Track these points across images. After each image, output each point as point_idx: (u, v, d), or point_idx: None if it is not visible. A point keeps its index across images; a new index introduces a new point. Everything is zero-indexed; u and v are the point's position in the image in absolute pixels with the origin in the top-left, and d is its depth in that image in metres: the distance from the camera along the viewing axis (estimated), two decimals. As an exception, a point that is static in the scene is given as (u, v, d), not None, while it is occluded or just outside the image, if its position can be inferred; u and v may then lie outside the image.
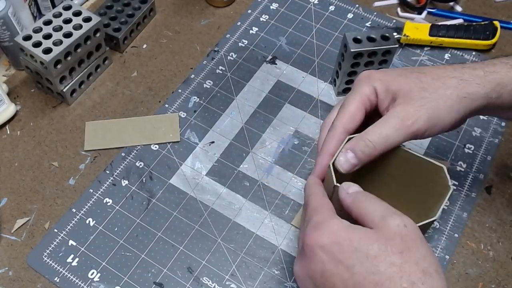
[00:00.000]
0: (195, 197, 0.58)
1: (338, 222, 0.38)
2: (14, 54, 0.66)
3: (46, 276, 0.53)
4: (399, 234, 0.36)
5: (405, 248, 0.36)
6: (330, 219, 0.38)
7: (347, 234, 0.37)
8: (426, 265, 0.35)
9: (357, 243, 0.36)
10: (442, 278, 0.36)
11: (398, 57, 0.70)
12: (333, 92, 0.67)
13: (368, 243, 0.36)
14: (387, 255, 0.35)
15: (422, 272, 0.35)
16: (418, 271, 0.35)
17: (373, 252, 0.36)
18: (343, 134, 0.44)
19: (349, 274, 0.36)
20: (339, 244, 0.37)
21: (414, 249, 0.36)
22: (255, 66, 0.69)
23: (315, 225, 0.38)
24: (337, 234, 0.37)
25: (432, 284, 0.35)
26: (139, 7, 0.71)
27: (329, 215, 0.39)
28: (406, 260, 0.35)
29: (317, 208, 0.41)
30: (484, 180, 0.60)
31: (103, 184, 0.59)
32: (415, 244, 0.36)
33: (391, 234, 0.36)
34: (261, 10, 0.75)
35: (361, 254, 0.36)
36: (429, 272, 0.35)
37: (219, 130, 0.63)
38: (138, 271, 0.53)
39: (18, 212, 0.57)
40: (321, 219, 0.39)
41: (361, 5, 0.76)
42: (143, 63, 0.70)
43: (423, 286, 0.34)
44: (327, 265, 0.37)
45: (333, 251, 0.36)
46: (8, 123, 0.64)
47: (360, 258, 0.36)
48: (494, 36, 0.70)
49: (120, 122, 0.63)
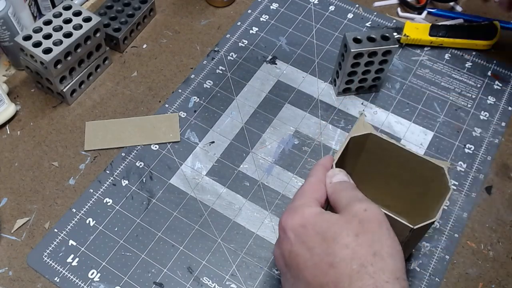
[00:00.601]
0: (195, 197, 0.58)
1: (311, 209, 0.40)
2: (14, 54, 0.66)
3: (46, 276, 0.53)
4: (357, 218, 0.38)
5: (360, 231, 0.37)
6: (307, 206, 0.41)
7: (314, 218, 0.39)
8: (379, 248, 0.37)
9: (319, 227, 0.38)
10: (396, 260, 0.37)
11: (398, 57, 0.70)
12: (333, 92, 0.67)
13: (328, 226, 0.38)
14: (342, 238, 0.37)
15: (373, 255, 0.36)
16: (370, 254, 0.36)
17: (330, 235, 0.38)
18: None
19: (310, 255, 0.38)
20: (305, 227, 0.39)
21: (370, 232, 0.37)
22: (255, 66, 0.69)
23: (292, 208, 0.41)
24: (306, 218, 0.39)
25: (382, 266, 0.36)
26: (139, 7, 0.71)
27: (309, 201, 0.41)
28: (359, 243, 0.37)
29: (304, 193, 0.42)
30: (484, 180, 0.60)
31: (103, 184, 0.59)
32: (372, 227, 0.38)
33: (350, 218, 0.38)
34: (261, 10, 0.75)
35: (321, 236, 0.38)
36: (380, 255, 0.36)
37: (219, 130, 0.63)
38: (138, 271, 0.53)
39: (18, 212, 0.57)
40: (300, 204, 0.41)
41: (361, 5, 0.76)
42: (143, 63, 0.70)
43: (372, 268, 0.36)
44: (294, 245, 0.39)
45: (300, 233, 0.39)
46: (8, 123, 0.64)
47: (320, 240, 0.38)
48: (494, 36, 0.70)
49: (120, 122, 0.63)
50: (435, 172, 0.47)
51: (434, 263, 0.54)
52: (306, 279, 0.38)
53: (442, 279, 0.53)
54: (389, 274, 0.36)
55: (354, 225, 0.38)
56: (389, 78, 0.68)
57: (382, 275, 0.35)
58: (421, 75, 0.68)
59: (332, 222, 0.38)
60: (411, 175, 0.49)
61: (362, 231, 0.37)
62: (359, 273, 0.35)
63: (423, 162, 0.47)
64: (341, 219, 0.39)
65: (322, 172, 0.44)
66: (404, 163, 0.48)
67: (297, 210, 0.40)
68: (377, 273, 0.35)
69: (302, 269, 0.38)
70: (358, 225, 0.38)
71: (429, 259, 0.54)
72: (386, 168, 0.50)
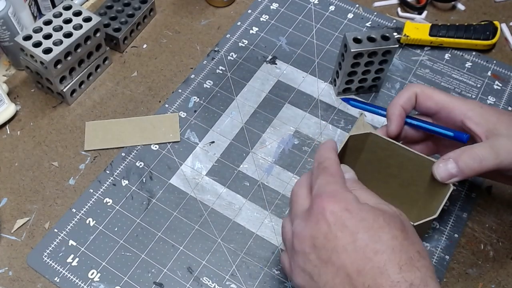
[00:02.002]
0: (195, 197, 0.58)
1: (352, 195, 0.40)
2: (14, 54, 0.66)
3: (46, 276, 0.53)
4: (399, 218, 0.39)
5: (404, 230, 0.38)
6: (346, 191, 0.40)
7: (358, 205, 0.39)
8: (420, 249, 0.38)
9: (366, 214, 0.38)
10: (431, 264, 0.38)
11: (398, 57, 0.70)
12: (333, 92, 0.67)
13: (375, 215, 0.38)
14: (391, 229, 0.37)
15: (418, 252, 0.37)
16: (414, 251, 0.37)
17: (377, 224, 0.37)
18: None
19: (352, 239, 0.37)
20: (349, 211, 0.38)
21: (411, 233, 0.38)
22: (255, 66, 0.69)
23: (331, 192, 0.40)
24: (350, 204, 0.39)
25: (425, 263, 0.37)
26: (139, 7, 0.71)
27: (345, 187, 0.41)
28: (405, 237, 0.37)
29: (334, 176, 0.42)
30: (484, 180, 0.60)
31: (103, 184, 0.59)
32: (411, 229, 0.39)
33: (393, 215, 0.39)
34: (261, 10, 0.75)
35: (367, 223, 0.37)
36: (423, 255, 0.37)
37: (219, 130, 0.63)
38: (138, 271, 0.53)
39: (18, 212, 0.57)
40: (337, 189, 0.40)
41: (361, 5, 0.76)
42: (143, 63, 0.70)
43: (418, 263, 0.36)
44: (333, 227, 0.38)
45: (342, 217, 0.38)
46: (8, 123, 0.64)
47: (366, 227, 0.37)
48: (494, 36, 0.70)
49: (120, 122, 0.63)
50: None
51: (434, 263, 0.54)
52: (342, 262, 0.37)
53: (442, 279, 0.53)
54: (430, 272, 0.37)
55: (399, 222, 0.38)
56: (389, 78, 0.68)
57: (426, 271, 0.36)
58: (421, 75, 0.68)
59: (378, 214, 0.38)
60: (411, 174, 0.49)
61: (405, 230, 0.38)
62: (407, 265, 0.36)
63: (423, 161, 0.47)
64: (384, 214, 0.39)
65: (335, 155, 0.44)
66: (404, 163, 0.48)
67: (338, 194, 0.40)
68: (423, 269, 0.36)
69: (339, 252, 0.37)
70: (401, 225, 0.38)
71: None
72: (386, 168, 0.50)
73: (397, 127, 0.49)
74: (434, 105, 0.49)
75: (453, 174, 0.45)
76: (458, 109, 0.48)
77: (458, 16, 0.76)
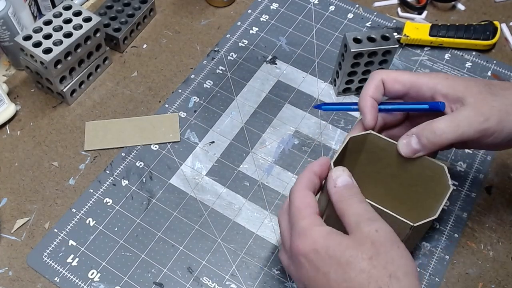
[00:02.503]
0: (195, 197, 0.58)
1: (320, 229, 0.40)
2: (14, 54, 0.66)
3: (46, 276, 0.53)
4: (370, 240, 0.38)
5: (374, 253, 0.37)
6: (313, 226, 0.40)
7: (325, 241, 0.39)
8: (394, 269, 0.37)
9: (332, 250, 0.38)
10: (411, 280, 0.37)
11: (398, 57, 0.70)
12: (333, 92, 0.67)
13: (341, 250, 0.38)
14: (357, 262, 0.37)
15: (389, 277, 0.36)
16: (385, 276, 0.36)
17: (344, 260, 0.37)
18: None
19: (326, 281, 0.38)
20: (317, 252, 0.39)
21: (383, 253, 0.37)
22: (255, 66, 0.69)
23: (299, 231, 0.40)
24: (317, 242, 0.39)
25: (398, 287, 0.36)
26: (139, 7, 0.71)
27: (313, 220, 0.41)
28: (374, 265, 0.37)
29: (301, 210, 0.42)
30: (484, 180, 0.60)
31: (103, 184, 0.59)
32: (385, 248, 0.38)
33: (362, 240, 0.38)
34: (261, 10, 0.75)
35: (335, 261, 0.38)
36: (396, 276, 0.36)
37: (219, 130, 0.63)
38: (138, 271, 0.53)
39: (18, 212, 0.57)
40: (305, 225, 0.40)
41: (361, 5, 0.76)
42: (143, 63, 0.70)
43: None
44: (310, 271, 0.39)
45: (313, 259, 0.39)
46: (8, 123, 0.64)
47: (334, 266, 0.38)
48: (494, 36, 0.70)
49: (120, 122, 0.63)
50: (435, 171, 0.47)
51: (434, 263, 0.54)
52: None
53: (442, 279, 0.53)
54: None
55: (367, 247, 0.37)
56: (389, 78, 0.68)
57: None
58: (421, 75, 0.68)
59: (345, 245, 0.38)
60: (411, 174, 0.49)
61: (375, 253, 0.37)
62: None
63: (423, 161, 0.47)
64: (353, 241, 0.38)
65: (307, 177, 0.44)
66: (404, 163, 0.48)
67: (305, 233, 0.40)
68: None
69: None
70: (371, 247, 0.37)
71: (429, 259, 0.54)
72: (386, 168, 0.50)
73: (372, 118, 0.48)
74: (402, 87, 0.48)
75: (416, 150, 0.45)
76: (426, 85, 0.47)
77: (458, 16, 0.76)
